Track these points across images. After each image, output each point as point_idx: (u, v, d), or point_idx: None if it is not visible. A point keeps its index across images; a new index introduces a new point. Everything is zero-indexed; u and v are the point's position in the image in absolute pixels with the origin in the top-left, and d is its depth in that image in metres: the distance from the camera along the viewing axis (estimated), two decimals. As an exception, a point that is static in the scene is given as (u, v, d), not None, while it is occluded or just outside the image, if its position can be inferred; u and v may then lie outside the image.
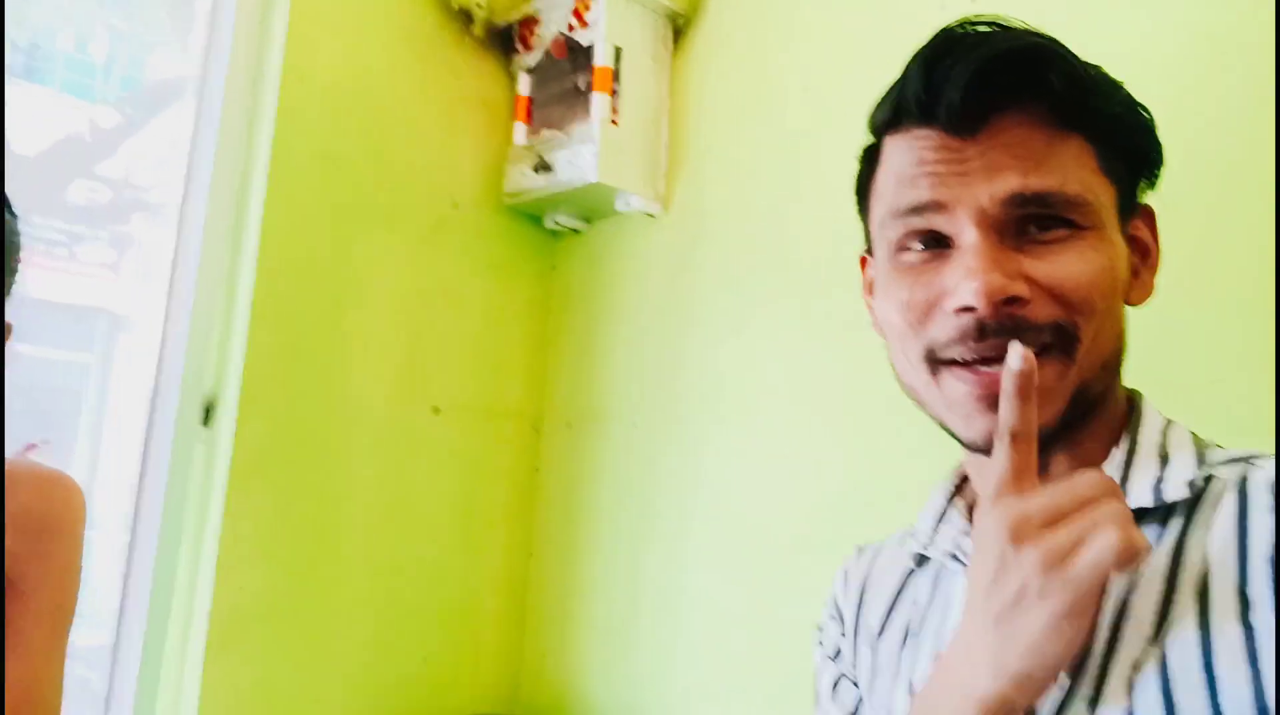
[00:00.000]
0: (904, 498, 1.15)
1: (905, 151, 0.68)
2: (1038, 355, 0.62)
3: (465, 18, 1.79)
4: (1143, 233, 0.72)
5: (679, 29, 1.77)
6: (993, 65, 0.64)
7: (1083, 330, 0.64)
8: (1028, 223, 0.64)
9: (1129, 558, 0.52)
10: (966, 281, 0.62)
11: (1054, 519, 0.56)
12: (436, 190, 1.74)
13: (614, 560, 1.67)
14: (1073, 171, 0.64)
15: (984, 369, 0.64)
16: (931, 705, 0.61)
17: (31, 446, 0.86)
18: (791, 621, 1.40)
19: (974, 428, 0.66)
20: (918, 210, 0.67)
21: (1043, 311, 0.63)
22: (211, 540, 1.44)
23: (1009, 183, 0.64)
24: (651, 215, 1.73)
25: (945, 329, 0.65)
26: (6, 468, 0.78)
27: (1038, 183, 0.63)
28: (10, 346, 0.89)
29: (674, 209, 1.71)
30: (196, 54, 1.61)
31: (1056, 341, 0.63)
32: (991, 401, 0.64)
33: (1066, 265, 0.63)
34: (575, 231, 1.87)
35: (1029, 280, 0.63)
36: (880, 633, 0.78)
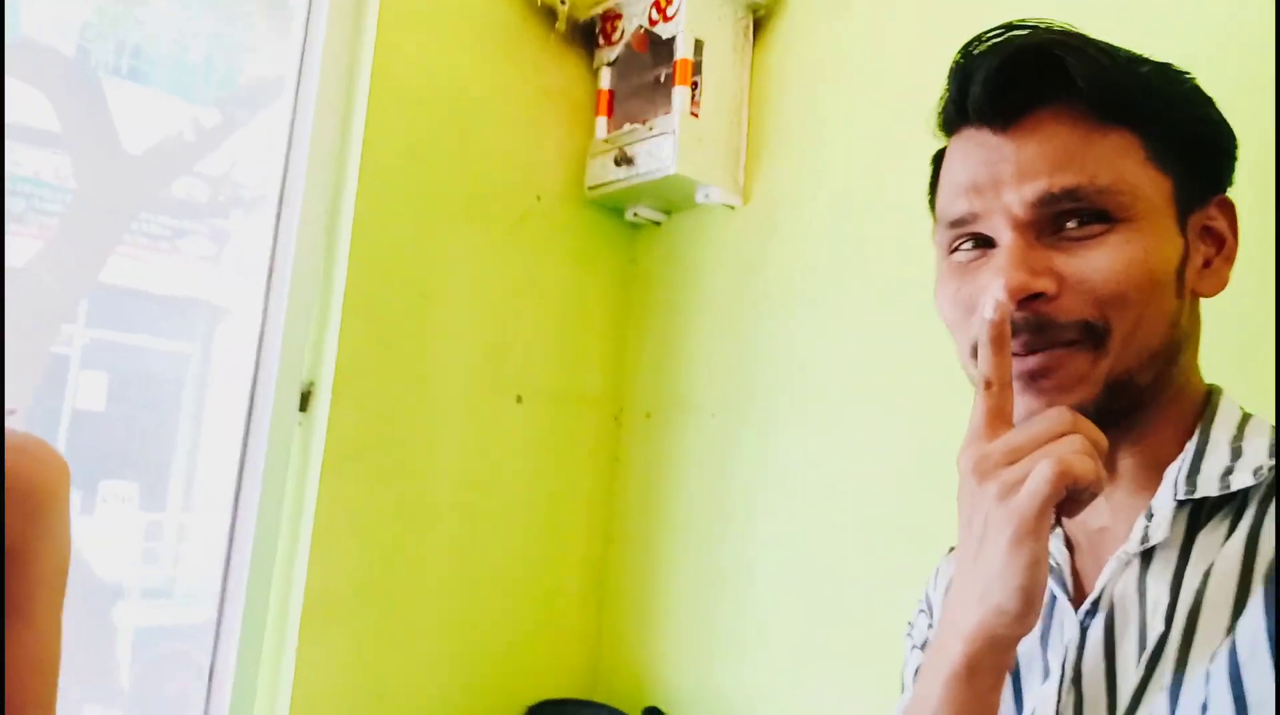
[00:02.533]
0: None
1: (958, 153, 0.72)
2: (1067, 346, 0.65)
3: (548, 14, 1.82)
4: (1217, 223, 0.72)
5: (759, 20, 1.77)
6: (1014, 58, 0.67)
7: (1114, 323, 0.65)
8: (1065, 218, 0.67)
9: (1064, 482, 0.56)
10: (995, 281, 0.66)
11: (1013, 457, 0.60)
12: (520, 184, 1.78)
13: (691, 546, 1.69)
14: (1109, 165, 0.66)
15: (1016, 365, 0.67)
16: (935, 650, 0.64)
17: (13, 411, 0.84)
18: (866, 608, 1.40)
19: None
20: (959, 223, 0.71)
21: (1071, 306, 0.65)
22: (307, 523, 1.50)
23: (1037, 185, 0.66)
24: (731, 207, 1.74)
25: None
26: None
27: (1064, 180, 0.65)
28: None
29: (753, 201, 1.72)
30: (291, 55, 1.67)
31: (1084, 336, 0.66)
32: (1021, 393, 0.67)
33: (1096, 260, 0.65)
34: (655, 223, 1.89)
35: (1060, 276, 0.66)
36: None
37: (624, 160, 1.74)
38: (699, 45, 1.69)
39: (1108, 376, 0.66)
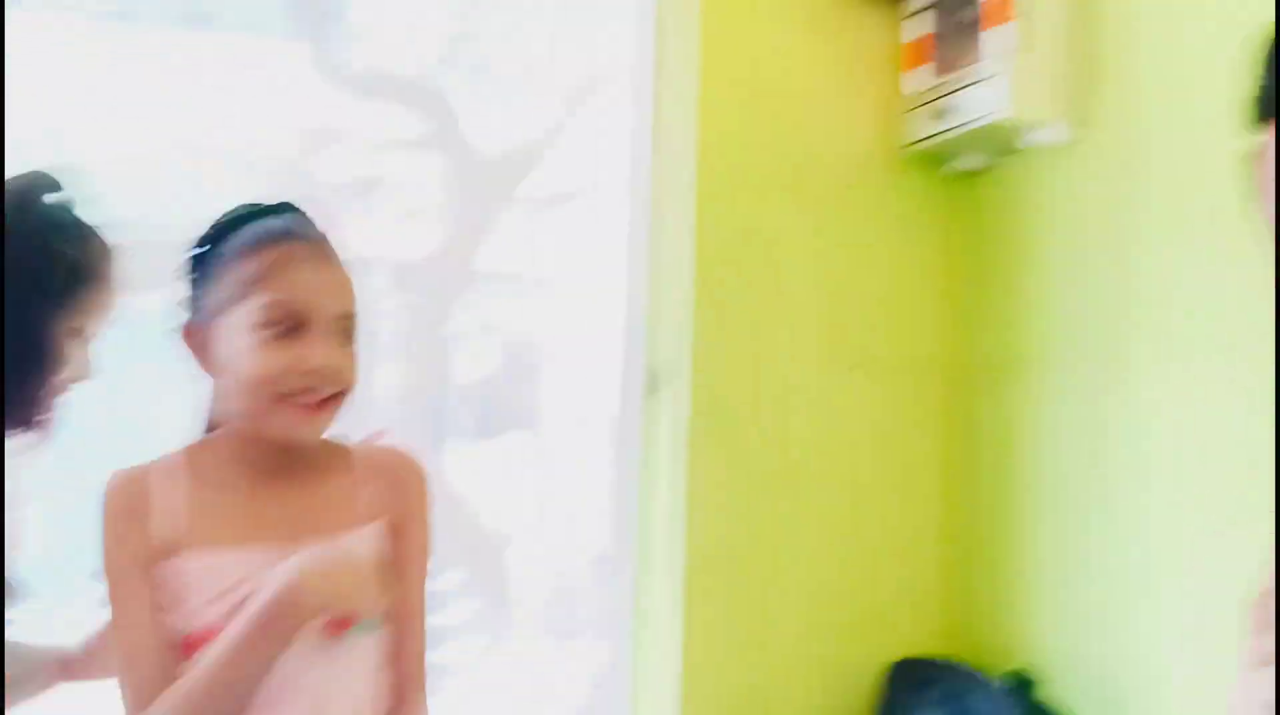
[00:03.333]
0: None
1: None
2: None
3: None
4: None
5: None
6: None
7: None
8: None
9: None
10: None
11: None
12: (842, 151, 1.80)
13: (1055, 509, 1.64)
14: None
15: None
16: None
17: (380, 433, 1.08)
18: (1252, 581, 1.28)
19: None
20: None
21: None
22: (680, 496, 1.66)
23: None
24: (1065, 146, 1.63)
25: None
26: (370, 448, 1.04)
27: None
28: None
29: (1093, 136, 1.59)
30: (625, 49, 1.80)
31: None
32: None
33: None
34: (982, 172, 1.81)
35: None
36: None
37: (943, 111, 1.70)
38: (1017, -22, 1.59)
39: None
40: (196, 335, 0.96)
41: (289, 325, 0.91)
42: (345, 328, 0.95)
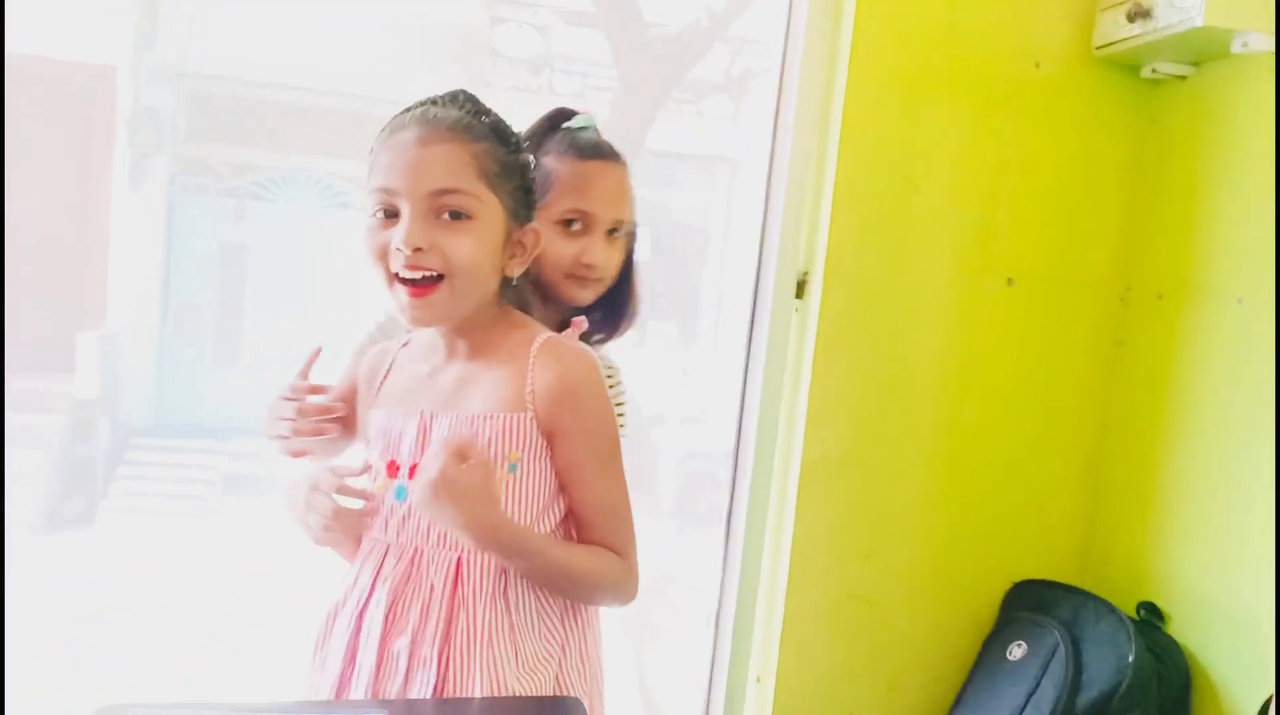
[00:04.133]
0: None
1: None
2: None
3: None
4: None
5: None
6: None
7: None
8: None
9: None
10: None
11: None
12: (1016, 50, 1.68)
13: (1204, 442, 1.57)
14: None
15: None
16: None
17: (580, 325, 1.11)
18: None
19: None
20: None
21: None
22: (803, 397, 1.68)
23: None
24: (1277, 54, 1.47)
25: None
26: (553, 343, 1.06)
27: None
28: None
29: (1310, 45, 1.43)
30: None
31: None
32: None
33: None
34: (1180, 78, 1.66)
35: None
36: None
37: (1140, 14, 1.55)
38: None
39: None
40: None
41: (386, 207, 1.00)
42: (444, 205, 1.00)
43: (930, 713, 1.76)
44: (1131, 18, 1.57)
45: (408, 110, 1.02)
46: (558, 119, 1.25)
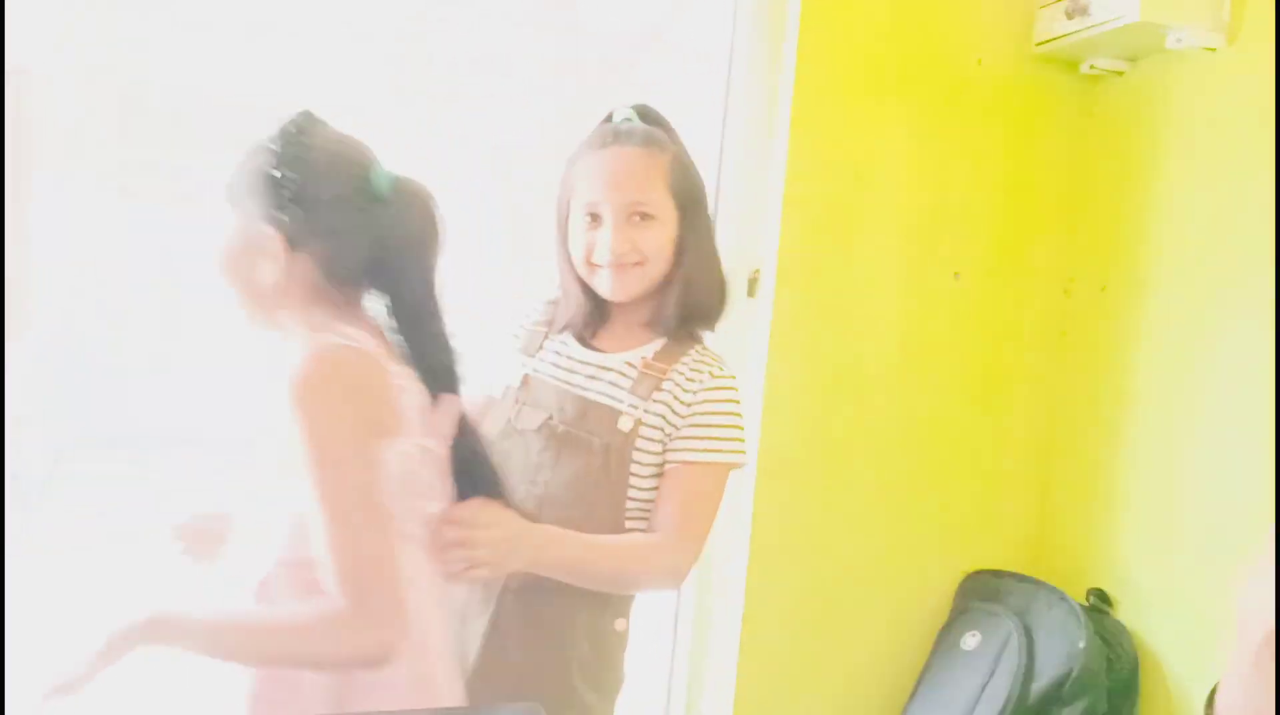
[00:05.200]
0: None
1: None
2: None
3: None
4: None
5: None
6: None
7: None
8: None
9: None
10: None
11: None
12: (959, 48, 1.70)
13: (1151, 431, 1.60)
14: None
15: None
16: None
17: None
18: None
19: None
20: None
21: None
22: (757, 395, 1.67)
23: None
24: (1211, 49, 1.51)
25: None
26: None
27: None
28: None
29: (1242, 40, 1.47)
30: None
31: None
32: None
33: None
34: (1117, 73, 1.70)
35: None
36: None
37: (1078, 10, 1.58)
38: None
39: None
40: None
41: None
42: None
43: (888, 704, 1.77)
44: (1070, 14, 1.59)
45: None
46: (605, 119, 1.21)
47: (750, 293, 1.69)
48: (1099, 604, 1.66)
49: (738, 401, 1.18)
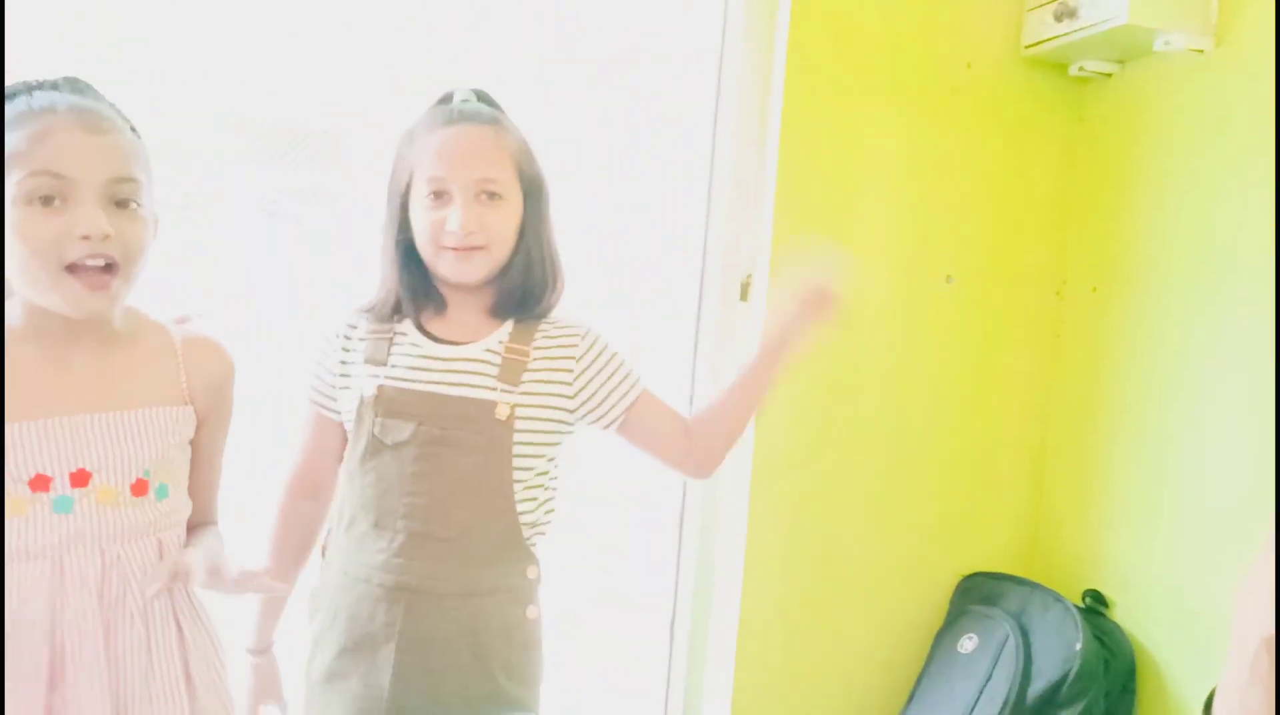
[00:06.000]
0: None
1: None
2: None
3: None
4: None
5: None
6: None
7: None
8: None
9: None
10: None
11: None
12: (949, 52, 1.71)
13: (1144, 431, 1.60)
14: None
15: None
16: None
17: (185, 318, 1.07)
18: None
19: None
20: None
21: None
22: (751, 401, 1.67)
23: None
24: (1199, 51, 1.52)
25: None
26: (184, 333, 1.05)
27: None
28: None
29: (1229, 42, 1.48)
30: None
31: None
32: None
33: None
34: (1106, 76, 1.70)
35: None
36: None
37: (1066, 13, 1.59)
38: None
39: None
40: None
41: (51, 193, 0.89)
42: (122, 192, 0.93)
43: (886, 708, 1.77)
44: (1059, 17, 1.60)
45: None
46: (442, 100, 1.20)
47: (743, 297, 1.70)
48: (1095, 605, 1.66)
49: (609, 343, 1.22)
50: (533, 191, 1.17)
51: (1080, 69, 1.70)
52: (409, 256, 1.16)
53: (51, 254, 0.89)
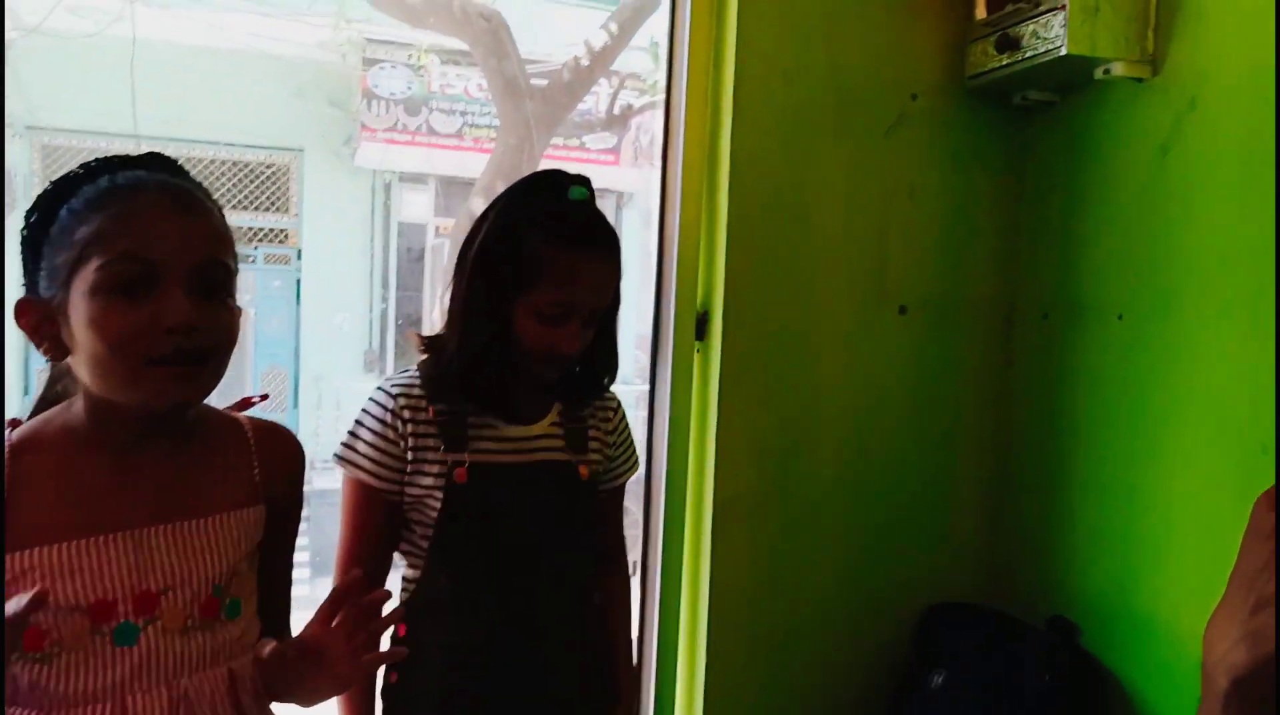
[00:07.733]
0: None
1: None
2: None
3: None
4: None
5: None
6: None
7: None
8: None
9: None
10: None
11: None
12: (894, 85, 1.72)
13: (1098, 456, 1.61)
14: None
15: None
16: None
17: (248, 402, 1.03)
18: None
19: None
20: None
21: None
22: (711, 437, 1.66)
23: None
24: (1139, 80, 1.54)
25: None
26: (260, 422, 1.00)
27: None
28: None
29: (1167, 71, 1.50)
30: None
31: None
32: None
33: None
34: (1049, 104, 1.72)
35: None
36: None
37: (1008, 44, 1.60)
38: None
39: None
40: (34, 312, 0.84)
41: (134, 280, 0.80)
42: (211, 279, 0.84)
43: (857, 744, 1.75)
44: (1001, 49, 1.62)
45: (83, 176, 0.86)
46: (545, 185, 1.20)
47: (700, 336, 1.68)
48: (1062, 632, 1.66)
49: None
50: (616, 303, 1.27)
51: (1023, 98, 1.72)
52: (491, 343, 1.19)
53: (132, 349, 0.80)
